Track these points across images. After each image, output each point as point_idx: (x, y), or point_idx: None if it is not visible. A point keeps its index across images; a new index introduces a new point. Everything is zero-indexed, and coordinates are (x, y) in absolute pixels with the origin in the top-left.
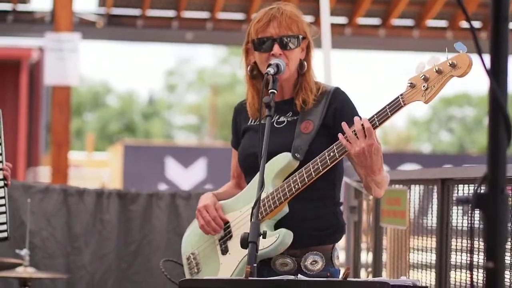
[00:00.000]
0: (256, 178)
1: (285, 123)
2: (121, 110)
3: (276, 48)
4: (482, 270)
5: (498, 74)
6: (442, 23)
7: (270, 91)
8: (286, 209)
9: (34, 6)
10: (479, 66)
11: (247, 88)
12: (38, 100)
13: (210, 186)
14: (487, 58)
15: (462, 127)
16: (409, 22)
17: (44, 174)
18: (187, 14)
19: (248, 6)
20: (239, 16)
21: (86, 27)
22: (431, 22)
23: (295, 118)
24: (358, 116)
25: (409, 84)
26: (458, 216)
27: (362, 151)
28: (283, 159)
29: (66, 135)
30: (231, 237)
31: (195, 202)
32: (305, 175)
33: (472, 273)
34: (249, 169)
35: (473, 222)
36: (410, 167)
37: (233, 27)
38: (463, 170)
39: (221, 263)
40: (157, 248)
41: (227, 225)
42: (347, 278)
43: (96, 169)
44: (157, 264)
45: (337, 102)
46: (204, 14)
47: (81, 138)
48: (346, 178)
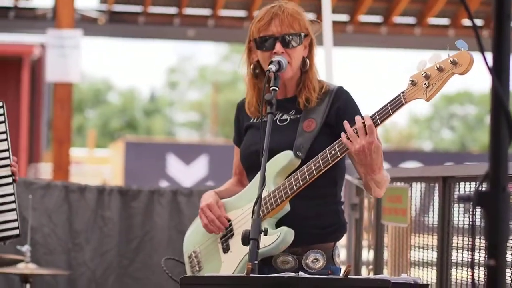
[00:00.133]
0: (258, 176)
1: (287, 121)
2: (122, 107)
3: (278, 46)
4: (483, 268)
5: (500, 72)
6: (444, 21)
7: (271, 88)
8: (287, 207)
9: (36, 2)
10: (481, 64)
11: (247, 87)
12: (39, 96)
13: (212, 183)
14: (489, 56)
15: (463, 125)
16: (411, 19)
17: (45, 170)
18: (189, 11)
19: (249, 4)
20: (241, 13)
21: (87, 24)
22: (433, 20)
23: (298, 116)
24: (360, 115)
25: (410, 81)
26: (459, 214)
27: (362, 149)
28: (285, 157)
29: (68, 132)
30: (233, 235)
31: (197, 199)
32: (306, 173)
33: (473, 271)
34: (251, 167)
35: (474, 220)
36: (411, 165)
37: (234, 24)
38: (465, 168)
39: (222, 261)
40: (158, 245)
41: (229, 223)
42: (348, 276)
43: (97, 165)
44: (158, 261)
45: (340, 101)
46: (205, 11)
47: (82, 135)
48: (347, 176)
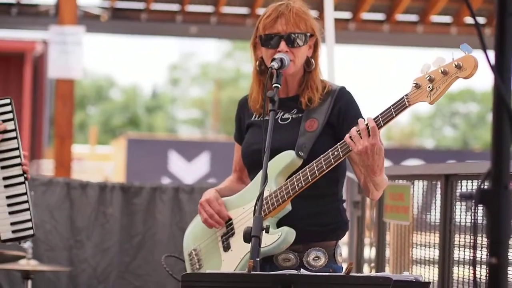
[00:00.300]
0: (259, 175)
1: (289, 120)
2: (124, 104)
3: (282, 45)
4: (485, 266)
5: (502, 70)
6: (447, 19)
7: (274, 86)
8: (289, 207)
9: None
10: (484, 62)
11: (252, 83)
12: (41, 93)
13: (213, 180)
14: (492, 54)
15: (465, 123)
16: (413, 17)
17: (47, 167)
18: (191, 8)
19: (252, 1)
20: (243, 10)
21: (90, 21)
22: (436, 18)
23: (300, 115)
24: (362, 117)
25: (414, 84)
26: (461, 212)
27: (364, 150)
28: (287, 157)
29: (69, 128)
30: (234, 234)
31: (198, 196)
32: (308, 174)
33: (475, 269)
34: (252, 165)
35: (476, 218)
36: (413, 163)
37: (237, 22)
38: (467, 166)
39: (223, 260)
40: (160, 242)
41: (230, 222)
42: (350, 273)
43: (99, 162)
44: (159, 258)
45: (342, 102)
46: (208, 8)
47: (84, 132)
48: (349, 174)
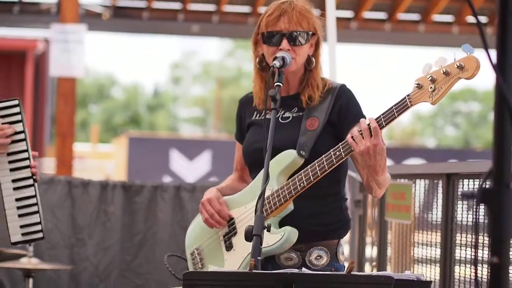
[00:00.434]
0: (261, 174)
1: (290, 119)
2: (126, 102)
3: (284, 43)
4: (486, 265)
5: (504, 69)
6: (448, 18)
7: (275, 84)
8: (291, 206)
9: None
10: (485, 61)
11: (254, 79)
12: (43, 91)
13: (215, 178)
14: (494, 53)
15: (467, 122)
16: (415, 16)
17: (48, 165)
18: (193, 6)
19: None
20: (245, 9)
21: (92, 19)
22: (437, 17)
23: (301, 114)
24: (362, 114)
25: (416, 84)
26: (463, 211)
27: (367, 150)
28: (288, 156)
29: (71, 127)
30: (236, 233)
31: (200, 195)
32: (310, 174)
33: (476, 268)
34: (254, 164)
35: (478, 217)
36: (415, 162)
37: (239, 20)
38: (469, 165)
39: (225, 259)
40: (161, 240)
41: (232, 221)
42: (351, 272)
43: (100, 161)
44: (161, 256)
45: (342, 100)
46: (210, 7)
47: (86, 130)
48: (351, 173)
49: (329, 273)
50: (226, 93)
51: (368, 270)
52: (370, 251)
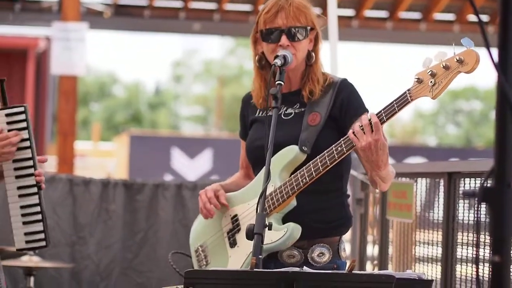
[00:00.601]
0: (263, 171)
1: (292, 115)
2: (127, 100)
3: (283, 39)
4: (488, 264)
5: (505, 68)
6: (450, 16)
7: (277, 83)
8: (294, 202)
9: None
10: (487, 59)
11: (254, 77)
12: (44, 89)
13: (216, 177)
14: (495, 51)
15: (468, 121)
16: (416, 15)
17: (50, 163)
18: (195, 4)
19: None
20: (247, 7)
21: (93, 17)
22: (439, 15)
23: (303, 109)
24: (365, 107)
25: (416, 79)
26: (464, 210)
27: (368, 146)
28: (290, 152)
29: (72, 125)
30: (239, 230)
31: None
32: (312, 170)
33: (478, 267)
34: (256, 161)
35: (479, 216)
36: (416, 160)
37: (240, 18)
38: (470, 163)
39: (229, 256)
40: (162, 238)
41: (235, 217)
42: (353, 271)
43: (102, 159)
44: (162, 254)
45: (344, 93)
46: (211, 5)
47: (87, 128)
48: (352, 171)
49: (330, 272)
50: (228, 91)
51: (369, 268)
52: (372, 250)
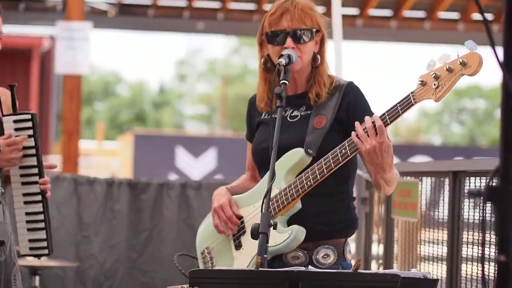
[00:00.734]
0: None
1: (298, 117)
2: (131, 100)
3: (289, 41)
4: (493, 263)
5: (510, 67)
6: (454, 15)
7: (281, 82)
8: (298, 205)
9: None
10: (492, 58)
11: (259, 81)
12: (48, 88)
13: (220, 176)
14: (500, 50)
15: (473, 119)
16: (420, 13)
17: (54, 162)
18: (199, 4)
19: None
20: (251, 6)
21: (97, 16)
22: (443, 14)
23: (309, 112)
24: (370, 111)
25: (419, 82)
26: (469, 209)
27: (373, 149)
28: (296, 155)
29: (77, 124)
30: (245, 232)
31: (205, 193)
32: (317, 172)
33: (483, 266)
34: (263, 163)
35: (484, 215)
36: (420, 159)
37: (244, 18)
38: (475, 162)
39: (235, 258)
40: (167, 238)
41: (241, 220)
42: (358, 270)
43: (106, 158)
44: (167, 254)
45: (350, 96)
46: (215, 4)
47: (91, 127)
48: (357, 170)
49: (335, 271)
50: (232, 90)
51: (374, 268)
52: (377, 249)
